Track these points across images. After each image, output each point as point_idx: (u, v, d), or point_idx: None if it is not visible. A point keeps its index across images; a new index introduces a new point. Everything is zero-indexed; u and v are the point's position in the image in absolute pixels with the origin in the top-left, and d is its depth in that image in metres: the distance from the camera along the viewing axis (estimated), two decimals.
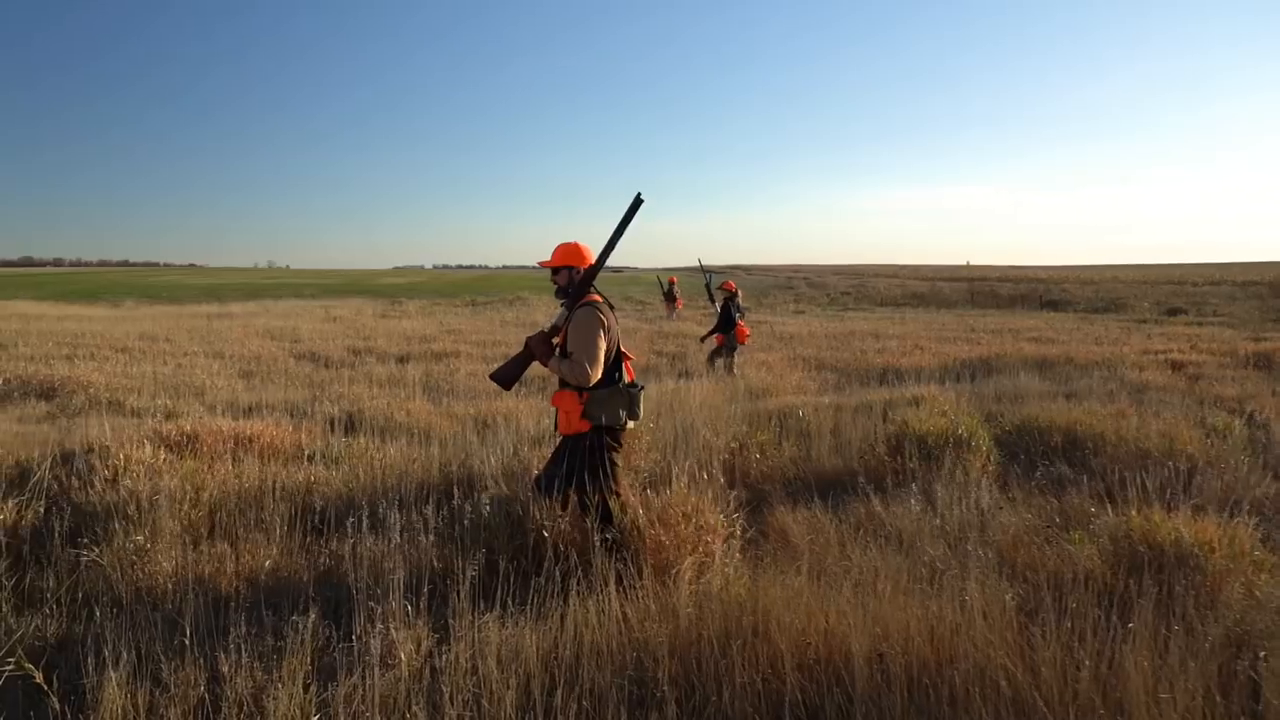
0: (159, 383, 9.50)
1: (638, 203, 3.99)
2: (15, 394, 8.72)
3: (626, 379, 4.14)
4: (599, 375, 3.93)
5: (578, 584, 3.35)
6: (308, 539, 3.95)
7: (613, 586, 3.24)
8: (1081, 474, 5.37)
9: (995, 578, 3.46)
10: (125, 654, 2.77)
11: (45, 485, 4.55)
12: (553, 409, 4.13)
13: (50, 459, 4.99)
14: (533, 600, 3.24)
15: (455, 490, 4.12)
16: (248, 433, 5.88)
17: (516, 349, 4.11)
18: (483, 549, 3.56)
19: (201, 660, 2.89)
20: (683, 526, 3.72)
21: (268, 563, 3.72)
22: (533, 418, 7.02)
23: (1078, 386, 9.06)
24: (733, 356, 11.01)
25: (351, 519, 3.62)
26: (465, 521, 3.73)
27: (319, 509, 4.29)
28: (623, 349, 4.15)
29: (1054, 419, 6.70)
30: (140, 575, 3.64)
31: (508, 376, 4.14)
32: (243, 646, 2.88)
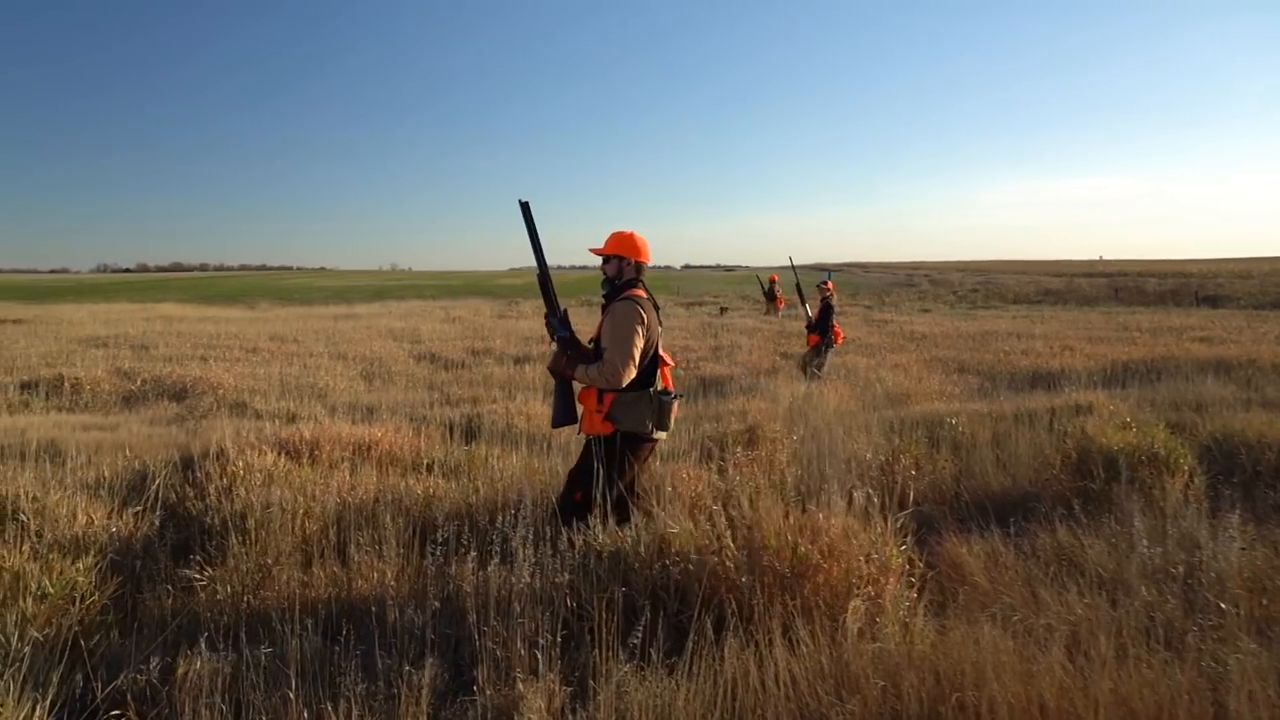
0: (284, 384, 9.56)
1: (525, 207, 3.73)
2: (150, 395, 8.92)
3: (661, 385, 3.74)
4: (632, 375, 3.55)
5: (733, 629, 2.83)
6: (425, 562, 3.58)
7: (777, 637, 2.71)
8: None
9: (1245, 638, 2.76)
10: (224, 705, 2.44)
11: (162, 494, 4.38)
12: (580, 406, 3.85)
13: (169, 465, 4.85)
14: (686, 651, 2.74)
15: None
16: (366, 439, 5.66)
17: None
18: (621, 585, 3.08)
19: (306, 712, 2.54)
20: (860, 560, 3.15)
21: (382, 590, 3.36)
22: None
23: (1274, 394, 7.92)
24: (826, 358, 10.38)
25: (474, 551, 3.21)
26: (602, 552, 3.26)
27: (438, 526, 3.92)
28: (661, 353, 3.74)
29: (1262, 432, 5.73)
30: (249, 600, 3.36)
31: (565, 412, 3.84)
32: (352, 699, 2.51)
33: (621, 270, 3.88)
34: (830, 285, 10.70)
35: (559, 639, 2.81)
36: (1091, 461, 5.03)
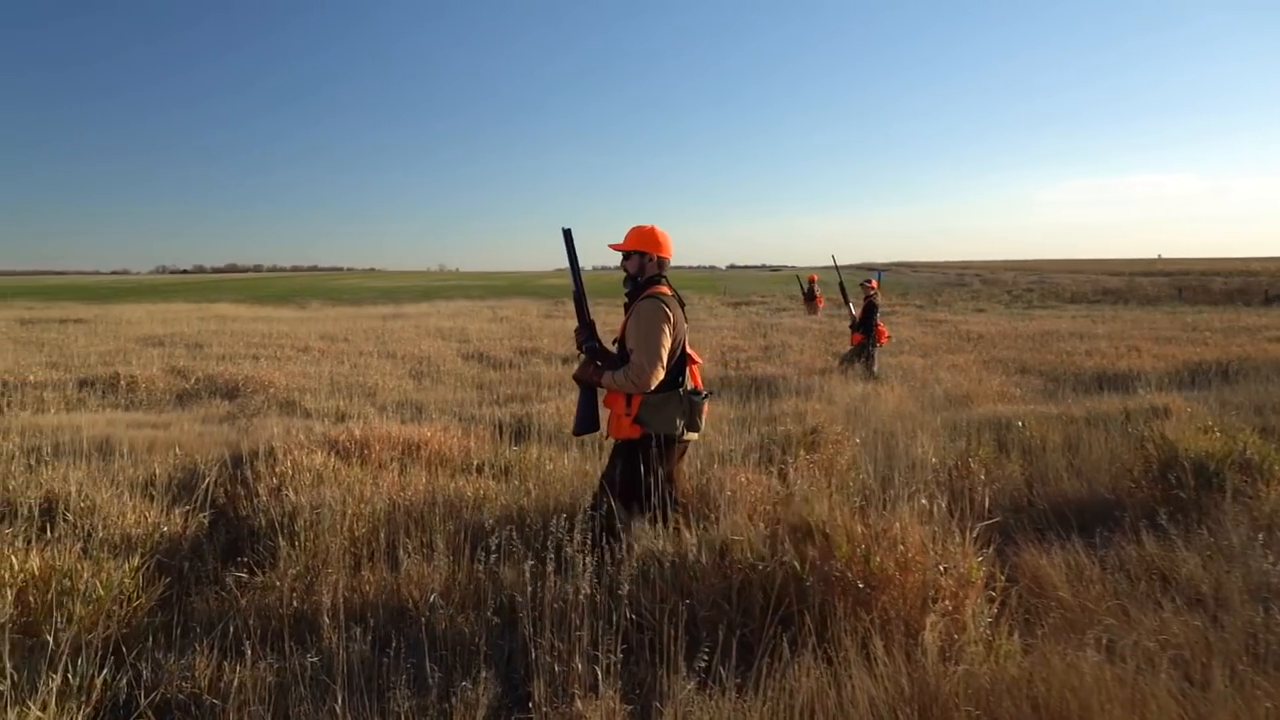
0: (334, 383, 9.56)
1: (567, 235, 3.78)
2: (203, 393, 8.98)
3: (690, 384, 3.57)
4: (660, 376, 3.39)
5: (804, 645, 2.64)
6: (476, 566, 3.44)
7: (853, 655, 2.52)
8: None
9: None
10: (269, 717, 2.32)
11: (211, 493, 4.31)
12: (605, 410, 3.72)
13: (219, 463, 4.80)
14: (755, 669, 2.55)
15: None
16: (415, 439, 5.56)
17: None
18: (685, 597, 2.90)
19: None
20: (940, 575, 2.93)
21: (433, 596, 3.23)
22: (720, 428, 6.30)
23: None
24: (875, 357, 10.25)
25: (530, 559, 3.05)
26: (663, 560, 3.08)
27: (489, 531, 3.78)
28: (689, 350, 3.57)
29: None
30: (297, 604, 3.25)
31: (588, 419, 3.72)
32: (402, 714, 2.37)
33: (643, 267, 3.71)
34: (875, 284, 10.66)
35: (619, 653, 2.64)
36: (1176, 468, 4.72)
